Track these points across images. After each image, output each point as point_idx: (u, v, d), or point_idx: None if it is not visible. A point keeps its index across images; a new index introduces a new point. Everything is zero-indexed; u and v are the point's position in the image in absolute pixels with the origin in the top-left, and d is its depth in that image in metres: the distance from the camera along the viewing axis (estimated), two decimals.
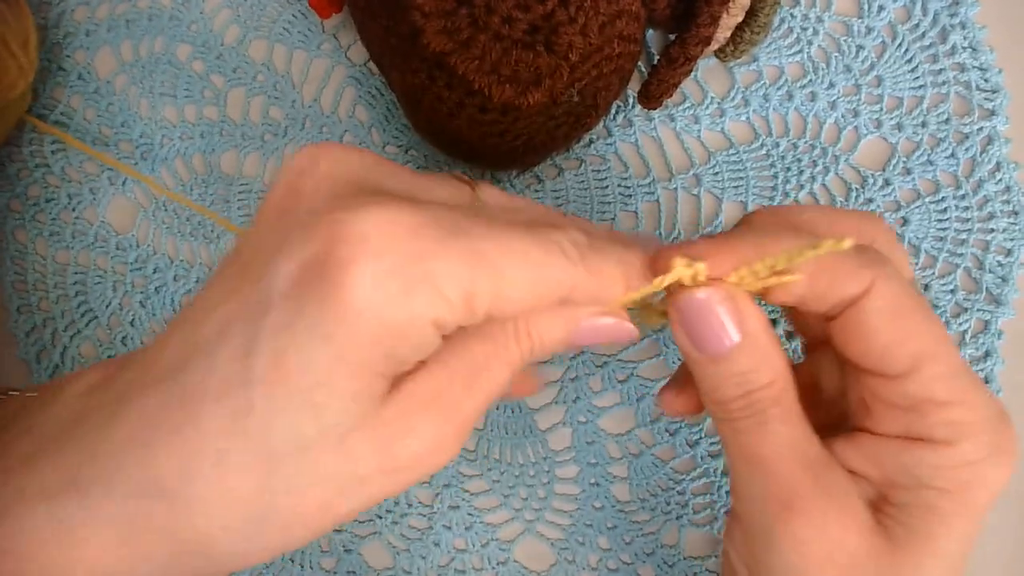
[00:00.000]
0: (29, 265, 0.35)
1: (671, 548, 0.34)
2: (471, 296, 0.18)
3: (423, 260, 0.18)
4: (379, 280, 0.17)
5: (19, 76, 0.33)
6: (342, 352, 0.18)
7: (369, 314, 0.17)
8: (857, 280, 0.21)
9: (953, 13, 0.37)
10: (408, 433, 0.20)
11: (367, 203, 0.18)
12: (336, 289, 0.17)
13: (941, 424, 0.21)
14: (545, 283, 0.19)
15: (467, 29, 0.28)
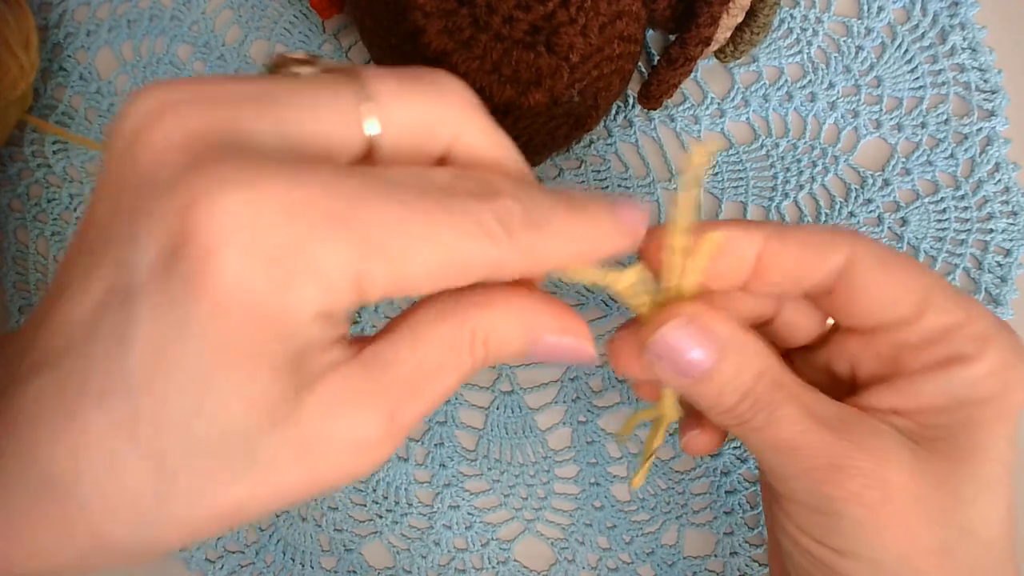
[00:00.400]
0: (30, 265, 0.35)
1: (671, 548, 0.34)
2: (361, 281, 0.16)
3: (301, 247, 0.15)
4: (249, 271, 0.15)
5: (20, 76, 0.33)
6: (221, 350, 0.15)
7: (242, 308, 0.15)
8: (838, 248, 0.22)
9: (952, 14, 0.37)
10: (330, 436, 0.17)
11: (229, 174, 0.15)
12: (202, 282, 0.15)
13: (967, 340, 0.22)
14: (456, 264, 0.17)
15: (468, 29, 0.28)
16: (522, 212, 0.18)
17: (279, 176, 0.15)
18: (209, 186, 0.15)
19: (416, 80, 0.18)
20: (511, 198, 0.18)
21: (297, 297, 0.16)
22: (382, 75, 0.18)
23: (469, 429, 0.35)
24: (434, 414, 0.34)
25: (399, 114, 0.18)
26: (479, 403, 0.35)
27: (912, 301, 0.22)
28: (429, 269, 0.17)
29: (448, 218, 0.17)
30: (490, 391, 0.35)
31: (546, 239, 0.18)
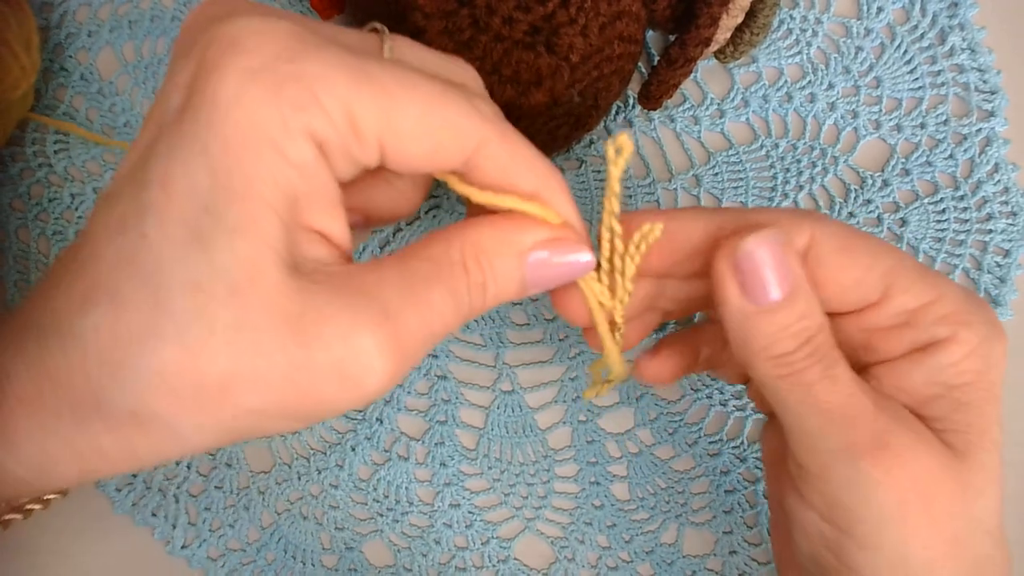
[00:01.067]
0: (32, 265, 0.36)
1: (670, 546, 0.34)
2: (354, 115, 0.16)
3: (295, 61, 0.16)
4: (246, 77, 0.16)
5: (22, 77, 0.33)
6: (218, 170, 0.15)
7: (239, 113, 0.15)
8: (799, 231, 0.22)
9: (952, 15, 0.37)
10: (325, 320, 0.16)
11: (243, 10, 0.17)
12: (205, 93, 0.16)
13: (936, 323, 0.21)
14: (446, 126, 0.18)
15: (468, 30, 0.28)
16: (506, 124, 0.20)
17: (284, 16, 0.17)
18: (224, 20, 0.16)
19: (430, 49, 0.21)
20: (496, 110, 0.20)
21: (291, 104, 0.16)
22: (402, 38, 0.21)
23: (469, 428, 0.35)
24: (434, 413, 0.35)
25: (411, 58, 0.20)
26: (479, 402, 0.35)
27: (876, 283, 0.22)
28: (419, 119, 0.17)
29: (442, 85, 0.18)
30: (490, 390, 0.35)
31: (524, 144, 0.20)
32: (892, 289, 0.22)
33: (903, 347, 0.22)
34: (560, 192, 0.21)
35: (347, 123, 0.17)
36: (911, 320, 0.22)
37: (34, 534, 0.33)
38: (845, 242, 0.22)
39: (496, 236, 0.20)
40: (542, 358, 0.35)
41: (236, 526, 0.34)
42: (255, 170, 0.16)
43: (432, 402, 0.34)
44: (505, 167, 0.19)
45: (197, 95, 0.16)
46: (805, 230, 0.22)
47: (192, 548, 0.34)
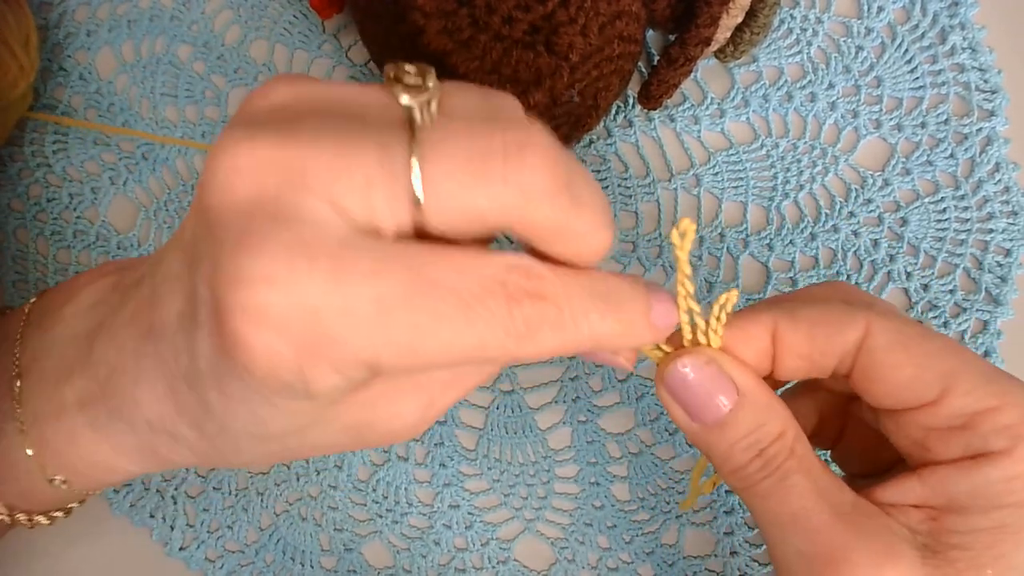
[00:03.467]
0: (30, 265, 0.35)
1: (671, 547, 0.34)
2: (375, 366, 0.17)
3: (320, 339, 0.16)
4: (273, 357, 0.16)
5: (20, 76, 0.33)
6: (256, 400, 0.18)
7: (265, 381, 0.17)
8: (854, 324, 0.21)
9: (952, 14, 0.37)
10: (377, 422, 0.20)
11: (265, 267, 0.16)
12: (237, 360, 0.17)
13: (994, 432, 0.20)
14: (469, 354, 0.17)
15: (468, 29, 0.28)
16: (555, 317, 0.18)
17: (312, 275, 0.16)
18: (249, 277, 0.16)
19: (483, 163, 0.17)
20: (551, 303, 0.18)
21: (314, 376, 0.17)
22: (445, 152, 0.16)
23: (469, 428, 0.35)
24: None
25: (450, 199, 0.17)
26: (479, 402, 0.35)
27: (933, 382, 0.21)
28: (440, 360, 0.17)
29: (471, 324, 0.17)
30: (490, 391, 0.35)
31: (568, 341, 0.18)
32: (951, 391, 0.20)
33: (956, 452, 0.21)
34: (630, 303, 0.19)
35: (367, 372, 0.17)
36: (968, 424, 0.20)
37: (31, 536, 0.33)
38: (903, 337, 0.21)
39: None
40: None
41: (234, 527, 0.34)
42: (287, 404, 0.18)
43: None
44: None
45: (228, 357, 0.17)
46: (859, 323, 0.21)
47: (190, 550, 0.34)
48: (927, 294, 0.35)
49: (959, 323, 0.35)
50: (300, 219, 0.16)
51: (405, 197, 0.16)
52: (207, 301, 0.17)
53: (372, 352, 0.16)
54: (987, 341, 0.35)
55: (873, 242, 0.35)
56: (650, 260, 0.35)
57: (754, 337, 0.22)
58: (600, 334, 0.18)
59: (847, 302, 0.22)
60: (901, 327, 0.21)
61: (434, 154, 0.16)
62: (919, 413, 0.21)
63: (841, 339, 0.21)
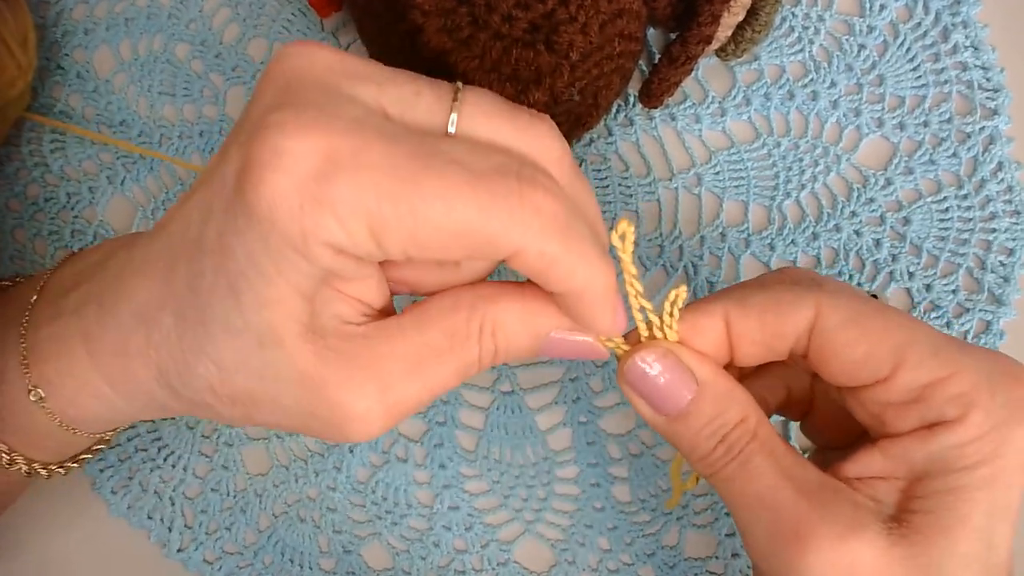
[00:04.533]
0: (28, 265, 0.35)
1: (672, 549, 0.34)
2: (377, 231, 0.18)
3: (323, 184, 0.17)
4: (279, 193, 0.18)
5: (18, 75, 0.33)
6: (253, 252, 0.18)
7: (268, 224, 0.18)
8: (803, 306, 0.22)
9: (955, 12, 0.36)
10: (330, 385, 0.20)
11: (292, 107, 0.18)
12: (248, 198, 0.18)
13: (946, 402, 0.21)
14: (477, 241, 0.18)
15: (467, 28, 0.28)
16: (563, 221, 0.19)
17: (333, 127, 0.18)
18: (275, 125, 0.18)
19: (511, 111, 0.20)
20: (561, 205, 0.19)
21: (313, 223, 0.18)
22: (483, 94, 0.20)
23: (469, 430, 0.34)
24: (433, 415, 0.34)
25: (481, 126, 0.19)
26: (479, 404, 0.34)
27: (885, 358, 0.21)
28: (449, 233, 0.18)
29: (477, 192, 0.18)
30: (490, 392, 0.35)
31: (567, 255, 0.19)
32: (903, 365, 0.21)
33: (912, 423, 0.21)
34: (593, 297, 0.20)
35: (370, 237, 0.18)
36: (921, 397, 0.21)
37: (29, 536, 0.33)
38: (853, 315, 0.21)
39: (518, 317, 0.21)
40: (542, 359, 0.35)
41: (233, 529, 0.34)
42: (281, 265, 0.19)
43: (431, 403, 0.34)
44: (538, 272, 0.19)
45: (241, 195, 0.18)
46: (809, 304, 0.22)
47: (188, 551, 0.34)
48: (930, 294, 0.35)
49: (962, 323, 0.35)
50: (340, 92, 0.19)
51: (445, 111, 0.19)
52: (236, 153, 0.18)
53: (375, 207, 0.17)
54: (990, 341, 0.35)
55: (875, 242, 0.35)
56: (651, 260, 0.35)
57: (708, 328, 0.23)
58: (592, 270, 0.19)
59: (796, 284, 0.23)
60: (851, 304, 0.22)
61: (473, 98, 0.20)
62: (874, 389, 0.22)
63: (792, 321, 0.22)
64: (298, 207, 0.17)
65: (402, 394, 0.20)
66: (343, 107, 0.18)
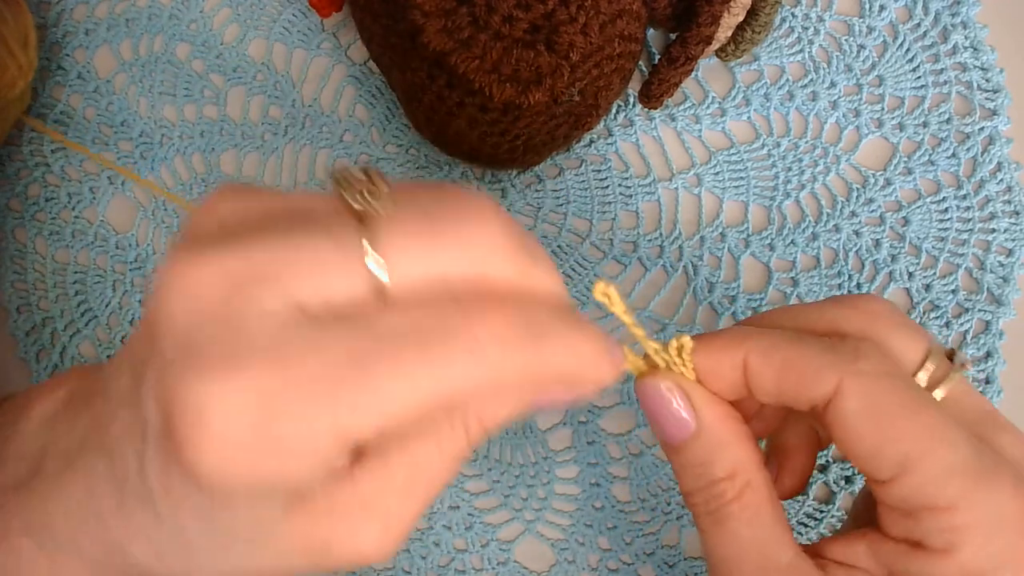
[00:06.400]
0: (28, 264, 0.35)
1: (671, 548, 0.34)
2: (345, 435, 0.16)
3: (270, 424, 0.16)
4: (223, 456, 0.16)
5: (18, 75, 0.33)
6: (212, 502, 0.17)
7: (223, 483, 0.16)
8: (824, 380, 0.20)
9: (954, 13, 0.37)
10: (332, 543, 0.19)
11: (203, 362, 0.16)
12: (186, 461, 0.16)
13: (936, 531, 0.19)
14: (442, 399, 0.17)
15: (467, 28, 0.28)
16: (521, 327, 0.17)
17: (254, 363, 0.16)
18: (192, 377, 0.16)
19: (434, 229, 0.17)
20: (515, 314, 0.17)
21: (274, 470, 0.16)
22: (397, 229, 0.17)
23: None
24: None
25: (410, 265, 0.17)
26: None
27: (890, 464, 0.20)
28: (414, 410, 0.16)
29: (424, 357, 0.16)
30: None
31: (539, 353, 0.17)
32: (905, 476, 0.20)
33: (898, 531, 0.20)
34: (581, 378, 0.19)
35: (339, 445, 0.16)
36: (914, 514, 0.20)
37: None
38: (872, 407, 0.20)
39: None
40: None
41: None
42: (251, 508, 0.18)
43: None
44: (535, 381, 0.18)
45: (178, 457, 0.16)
46: (830, 380, 0.20)
47: None
48: (929, 294, 0.35)
49: (961, 323, 0.35)
50: (245, 320, 0.16)
51: (362, 273, 0.16)
52: (155, 417, 0.17)
53: (333, 419, 0.16)
54: (989, 342, 0.35)
55: (875, 242, 0.35)
56: (651, 260, 0.35)
57: (727, 367, 0.22)
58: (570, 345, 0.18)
59: (837, 345, 0.21)
60: (874, 394, 0.20)
61: (388, 231, 0.16)
62: (873, 483, 0.21)
63: (808, 393, 0.21)
64: (252, 462, 0.16)
65: (405, 516, 0.19)
66: (255, 338, 0.16)
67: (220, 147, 0.36)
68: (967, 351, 0.35)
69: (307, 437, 0.16)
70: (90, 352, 0.35)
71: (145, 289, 0.35)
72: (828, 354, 0.21)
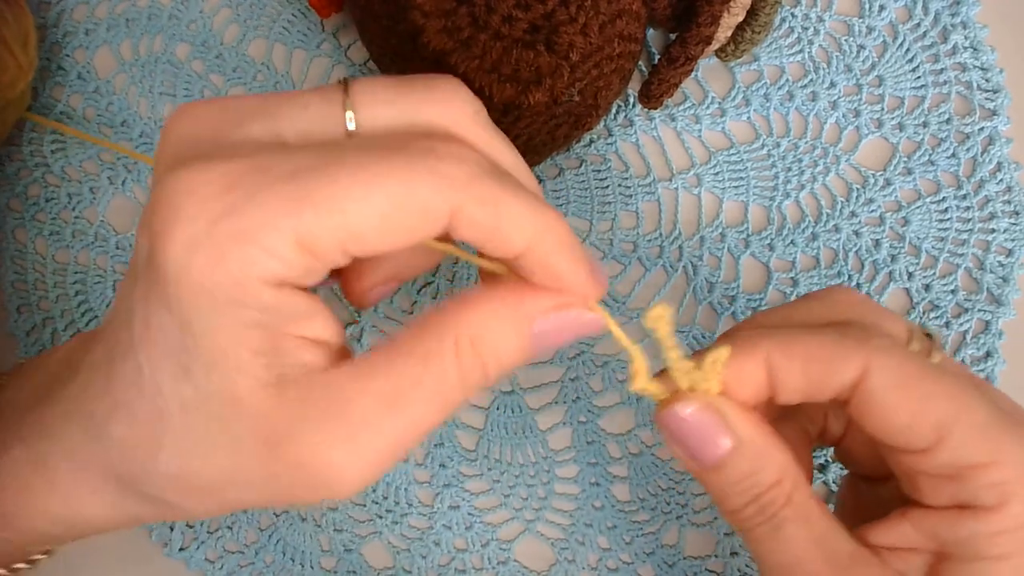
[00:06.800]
0: (29, 264, 0.35)
1: (671, 548, 0.34)
2: (307, 242, 0.17)
3: (232, 216, 0.16)
4: (189, 247, 0.16)
5: (18, 75, 0.33)
6: (184, 321, 0.17)
7: (188, 281, 0.17)
8: (850, 362, 0.21)
9: (954, 13, 0.37)
10: (298, 437, 0.18)
11: (183, 164, 0.17)
12: (159, 261, 0.17)
13: (983, 488, 0.20)
14: (409, 213, 0.17)
15: (467, 28, 0.28)
16: (488, 167, 0.18)
17: (227, 165, 0.17)
18: (167, 177, 0.17)
19: (405, 85, 0.19)
20: (476, 160, 0.18)
21: (238, 263, 0.16)
22: (372, 81, 0.19)
23: (469, 429, 0.34)
24: None
25: (380, 114, 0.19)
26: (479, 403, 0.35)
27: (927, 431, 0.20)
28: (377, 216, 0.17)
29: (393, 167, 0.17)
30: (490, 391, 0.35)
31: (509, 199, 0.18)
32: (944, 441, 0.20)
33: (944, 499, 0.20)
34: (557, 243, 0.19)
35: (302, 253, 0.17)
36: (958, 476, 0.20)
37: None
38: (901, 380, 0.20)
39: (492, 317, 0.19)
40: (542, 358, 0.35)
41: (234, 528, 0.34)
42: (218, 322, 0.17)
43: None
44: (488, 227, 0.18)
45: (153, 262, 0.17)
46: (856, 361, 0.21)
47: (190, 550, 0.34)
48: (929, 294, 0.35)
49: (960, 323, 0.35)
50: (231, 136, 0.18)
51: (338, 114, 0.18)
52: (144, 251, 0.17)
53: (296, 218, 0.16)
54: (989, 342, 0.35)
55: (875, 242, 0.35)
56: (651, 260, 0.35)
57: (750, 373, 0.22)
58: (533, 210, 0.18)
59: (845, 329, 0.22)
60: (900, 366, 0.21)
61: (363, 88, 0.19)
62: (912, 456, 0.21)
63: (837, 377, 0.21)
64: (217, 253, 0.16)
65: (377, 438, 0.18)
66: (236, 149, 0.17)
67: None
68: (967, 351, 0.35)
69: (269, 232, 0.16)
70: None
71: None
72: (846, 339, 0.21)
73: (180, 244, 0.16)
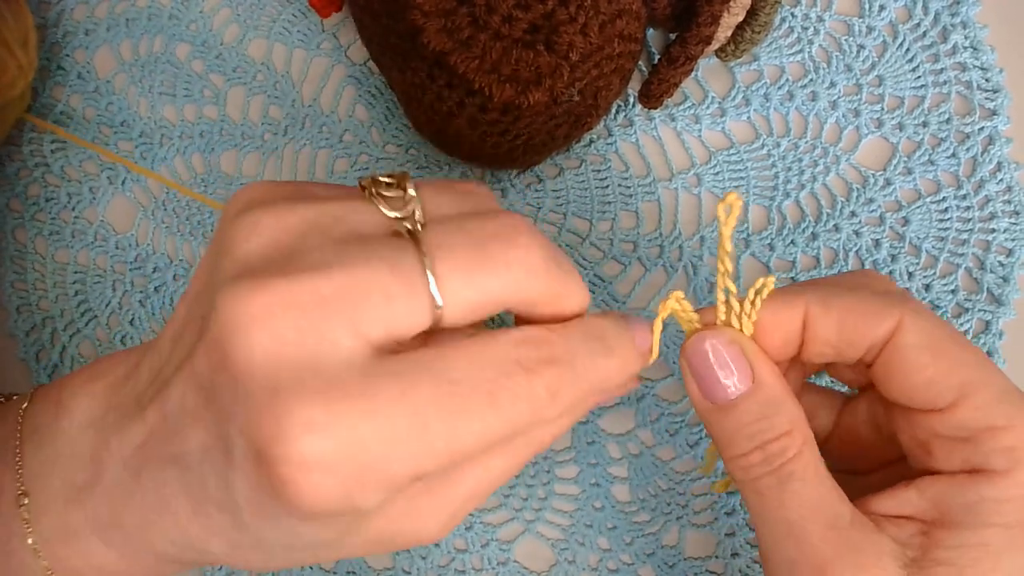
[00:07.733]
0: (28, 264, 0.35)
1: (671, 549, 0.34)
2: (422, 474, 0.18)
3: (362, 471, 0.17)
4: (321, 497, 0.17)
5: (18, 75, 0.33)
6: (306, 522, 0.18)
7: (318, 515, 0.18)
8: (885, 318, 0.21)
9: (954, 12, 0.37)
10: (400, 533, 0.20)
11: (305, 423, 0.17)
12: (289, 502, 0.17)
13: (997, 451, 0.20)
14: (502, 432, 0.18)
15: (467, 28, 0.28)
16: (570, 373, 0.19)
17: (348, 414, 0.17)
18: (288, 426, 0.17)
19: (484, 252, 0.18)
20: (564, 362, 0.19)
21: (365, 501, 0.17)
22: (449, 252, 0.18)
23: None
24: None
25: (463, 292, 0.18)
26: None
27: (949, 390, 0.21)
28: (475, 446, 0.18)
29: (497, 408, 0.18)
30: None
31: (585, 388, 0.20)
32: (964, 401, 0.21)
33: (956, 463, 0.21)
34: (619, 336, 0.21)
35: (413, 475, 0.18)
36: (973, 438, 0.21)
37: None
38: (932, 340, 0.21)
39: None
40: None
41: None
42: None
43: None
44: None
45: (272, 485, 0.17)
46: (892, 317, 0.21)
47: None
48: (929, 294, 0.35)
49: (961, 323, 0.35)
50: (324, 359, 0.17)
51: (426, 303, 0.18)
52: (245, 450, 0.17)
53: (415, 464, 0.17)
54: (989, 342, 0.35)
55: (875, 242, 0.35)
56: (650, 260, 0.35)
57: (786, 320, 0.22)
58: (606, 372, 0.20)
59: (882, 293, 0.22)
60: (933, 328, 0.21)
61: (441, 257, 0.18)
62: (930, 416, 0.21)
63: (872, 332, 0.21)
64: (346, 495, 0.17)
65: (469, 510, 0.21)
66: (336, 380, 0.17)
67: (220, 147, 0.36)
68: None
69: (390, 476, 0.17)
70: (90, 352, 0.35)
71: (145, 288, 0.35)
72: (884, 297, 0.22)
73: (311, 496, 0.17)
